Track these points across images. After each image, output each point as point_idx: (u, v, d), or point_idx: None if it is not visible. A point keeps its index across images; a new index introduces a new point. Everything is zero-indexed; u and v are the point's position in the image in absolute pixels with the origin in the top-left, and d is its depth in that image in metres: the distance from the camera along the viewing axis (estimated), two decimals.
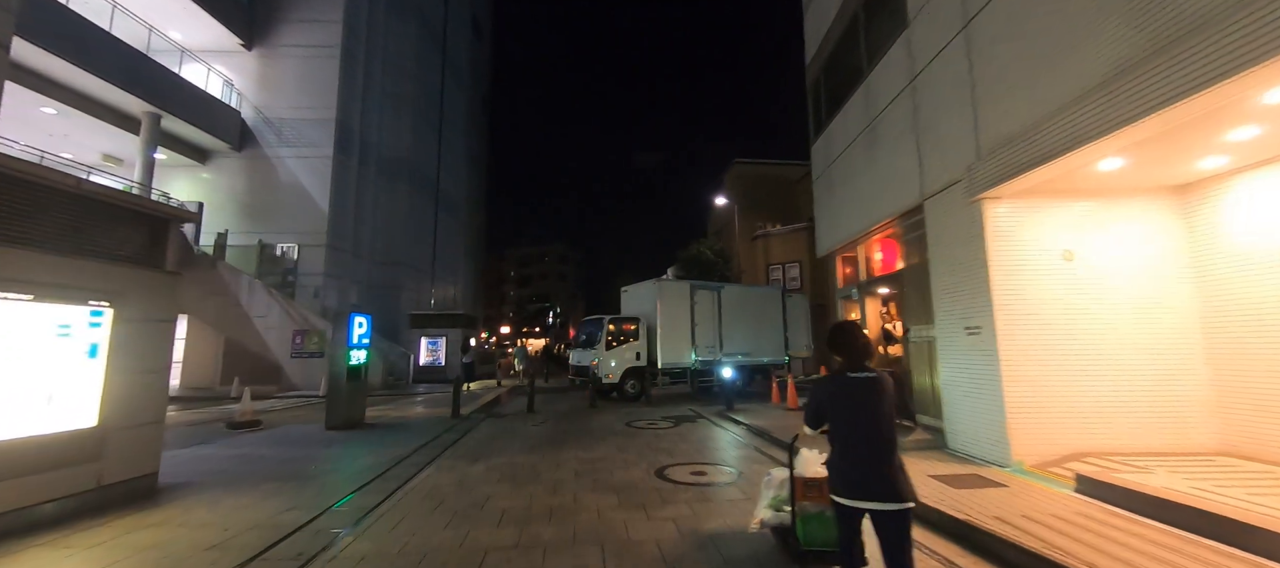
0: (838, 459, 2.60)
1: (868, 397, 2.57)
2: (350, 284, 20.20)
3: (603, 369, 13.13)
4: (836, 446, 2.63)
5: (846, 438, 2.59)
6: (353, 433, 8.79)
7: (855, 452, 2.55)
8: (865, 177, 8.90)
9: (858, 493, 2.48)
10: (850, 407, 2.60)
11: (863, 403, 2.57)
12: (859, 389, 2.59)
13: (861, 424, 2.56)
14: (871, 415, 2.55)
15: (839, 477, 2.56)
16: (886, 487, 2.44)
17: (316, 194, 19.09)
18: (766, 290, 16.22)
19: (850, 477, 2.52)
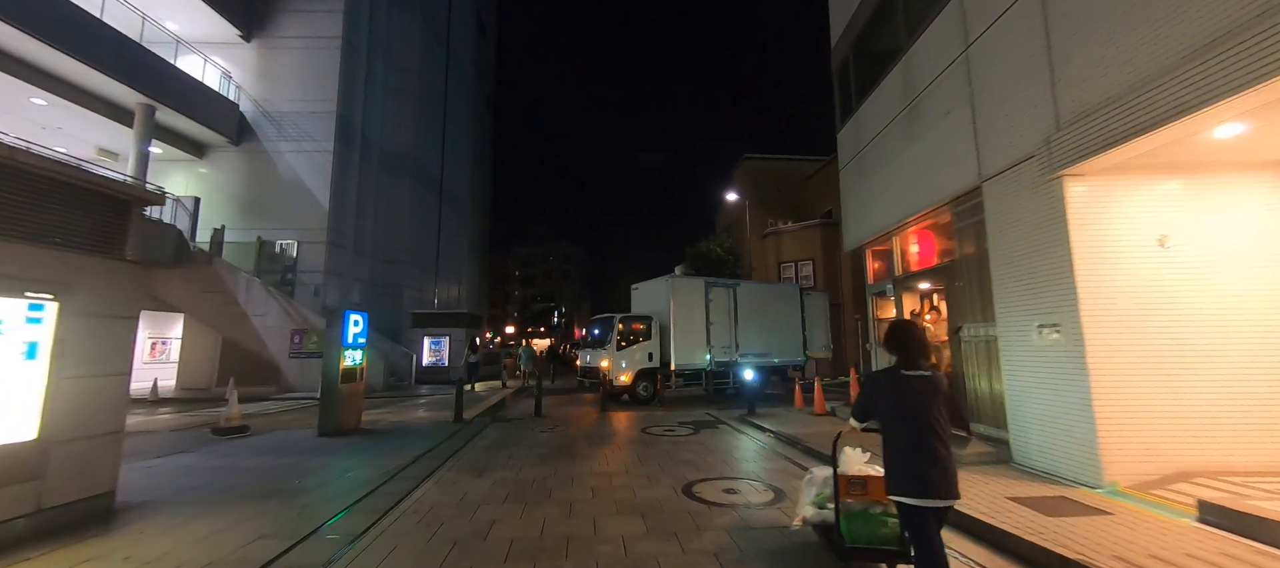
0: (899, 460, 2.56)
1: (924, 395, 2.56)
2: (351, 282, 19.51)
3: (613, 371, 12.36)
4: (896, 445, 2.60)
5: (906, 437, 2.56)
6: (347, 440, 8.05)
7: (917, 451, 2.51)
8: (903, 162, 8.10)
9: (924, 491, 2.46)
10: (906, 405, 2.58)
11: (919, 401, 2.55)
12: (915, 387, 2.58)
13: (919, 423, 2.52)
14: (929, 414, 2.53)
15: (902, 477, 2.53)
16: (948, 485, 2.45)
17: (316, 190, 18.40)
18: (784, 288, 15.43)
19: (915, 476, 2.48)
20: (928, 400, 2.55)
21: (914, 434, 2.53)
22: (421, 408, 12.41)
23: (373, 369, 16.20)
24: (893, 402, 2.64)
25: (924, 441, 2.50)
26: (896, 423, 2.61)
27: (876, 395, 2.74)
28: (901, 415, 2.59)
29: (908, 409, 2.57)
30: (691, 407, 12.17)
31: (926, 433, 2.51)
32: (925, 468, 2.47)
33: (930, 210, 7.49)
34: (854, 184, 10.13)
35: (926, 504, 2.46)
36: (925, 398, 2.56)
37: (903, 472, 2.53)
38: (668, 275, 13.41)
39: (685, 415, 10.71)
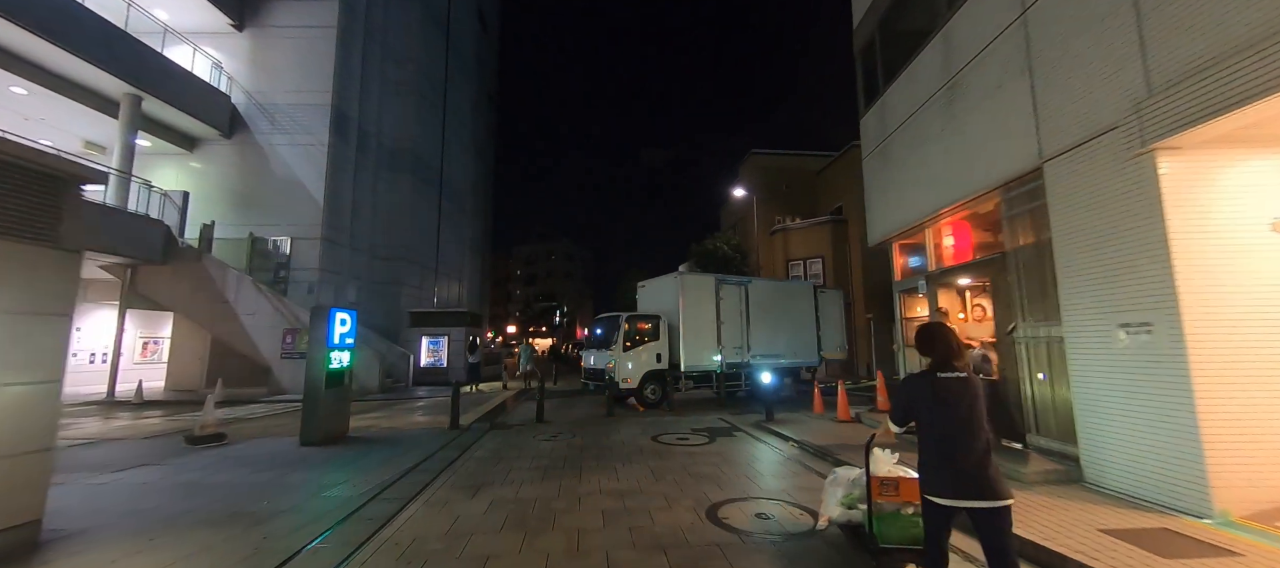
0: (934, 460, 2.56)
1: (959, 396, 2.55)
2: (347, 280, 18.80)
3: (620, 372, 11.62)
4: (929, 446, 2.60)
5: (940, 438, 2.55)
6: (331, 450, 7.32)
7: (953, 452, 2.50)
8: (941, 146, 7.34)
9: (958, 492, 2.45)
10: (941, 406, 2.56)
11: (954, 403, 2.54)
12: (950, 389, 2.57)
13: (954, 424, 2.52)
14: (964, 415, 2.52)
15: (935, 477, 2.53)
16: (987, 485, 2.42)
17: (311, 184, 17.68)
18: (797, 285, 14.67)
19: (949, 477, 2.48)
20: (963, 402, 2.53)
21: (949, 436, 2.52)
22: (417, 412, 11.68)
23: (368, 371, 15.50)
24: (928, 404, 2.61)
25: (960, 442, 2.49)
26: (932, 425, 2.59)
27: (915, 398, 2.70)
28: (937, 417, 2.57)
29: (943, 411, 2.55)
30: (703, 411, 11.43)
31: (962, 434, 2.50)
32: (960, 469, 2.46)
33: (974, 198, 6.74)
34: (879, 174, 9.38)
35: (960, 505, 2.45)
36: (960, 399, 2.54)
37: (937, 473, 2.53)
38: (676, 272, 12.67)
39: (698, 421, 9.97)
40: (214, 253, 16.02)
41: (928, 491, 2.56)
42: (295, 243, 17.50)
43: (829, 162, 25.15)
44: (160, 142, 16.72)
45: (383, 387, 15.73)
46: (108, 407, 12.87)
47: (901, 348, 9.22)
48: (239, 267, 16.28)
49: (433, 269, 24.08)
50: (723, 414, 10.80)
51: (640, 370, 11.86)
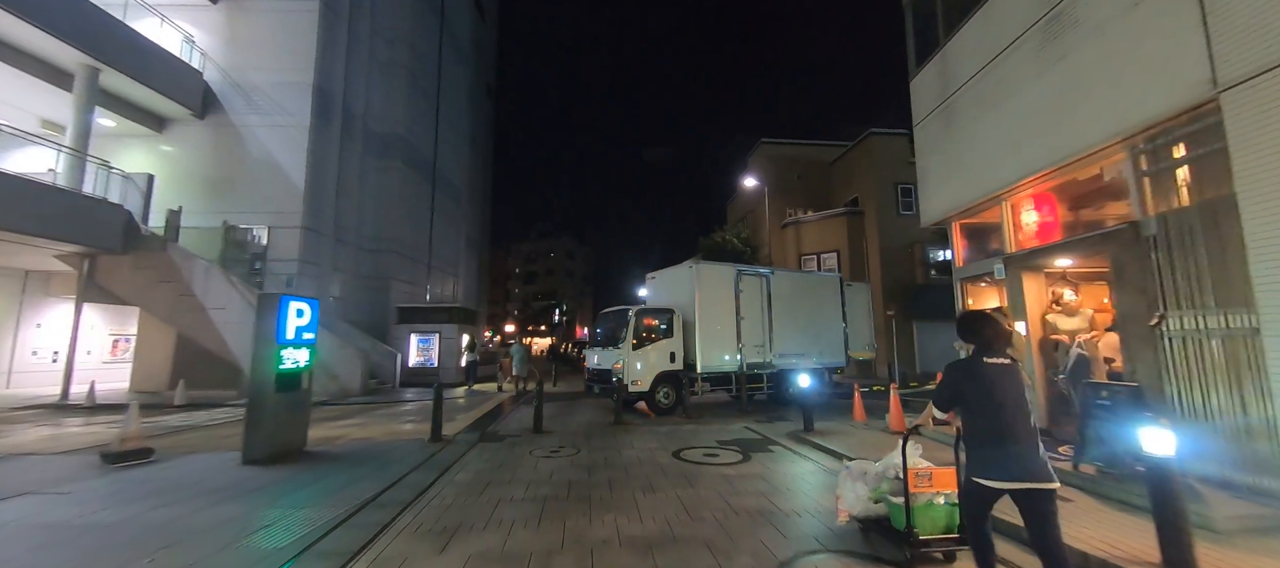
0: (984, 444, 2.60)
1: (1005, 382, 2.62)
2: (330, 273, 17.30)
3: (628, 374, 10.16)
4: (978, 431, 2.64)
5: (989, 423, 2.60)
6: (278, 472, 5.85)
7: (1002, 435, 2.55)
8: (1034, 96, 5.90)
9: (1007, 475, 2.51)
10: (989, 392, 2.61)
11: (1001, 388, 2.60)
12: (996, 375, 2.64)
13: (1003, 409, 2.57)
14: (1012, 400, 2.58)
15: (986, 460, 2.57)
16: (1036, 468, 2.49)
17: (291, 169, 16.18)
18: (822, 278, 13.22)
19: (998, 459, 2.54)
20: (1009, 388, 2.61)
21: (998, 421, 2.57)
22: (399, 418, 10.20)
23: (349, 372, 14.02)
24: (975, 390, 2.66)
25: (1008, 427, 2.54)
26: (979, 411, 2.64)
27: (962, 384, 2.73)
28: (983, 403, 2.62)
29: (990, 397, 2.61)
30: (724, 418, 9.97)
31: (1010, 419, 2.55)
32: (1009, 453, 2.52)
33: (1085, 156, 5.29)
34: (938, 142, 7.92)
35: (1009, 487, 2.50)
36: (1006, 385, 2.61)
37: (986, 457, 2.58)
38: (691, 261, 11.21)
39: (721, 431, 8.51)
40: (182, 242, 14.51)
41: (977, 474, 2.59)
42: (273, 232, 16.01)
43: (843, 152, 23.72)
44: (126, 121, 15.22)
45: (366, 389, 14.24)
46: (55, 411, 11.38)
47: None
48: (211, 257, 14.81)
49: (425, 264, 22.58)
50: (747, 422, 9.35)
51: (652, 371, 10.40)
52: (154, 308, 14.14)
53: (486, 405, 11.96)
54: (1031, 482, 2.46)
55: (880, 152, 21.34)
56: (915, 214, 21.28)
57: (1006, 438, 2.53)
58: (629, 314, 10.61)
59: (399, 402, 12.99)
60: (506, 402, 12.62)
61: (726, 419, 9.78)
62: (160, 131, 16.26)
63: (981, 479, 2.57)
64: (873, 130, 21.51)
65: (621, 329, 10.57)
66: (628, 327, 10.41)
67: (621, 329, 10.57)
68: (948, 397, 2.82)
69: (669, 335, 10.71)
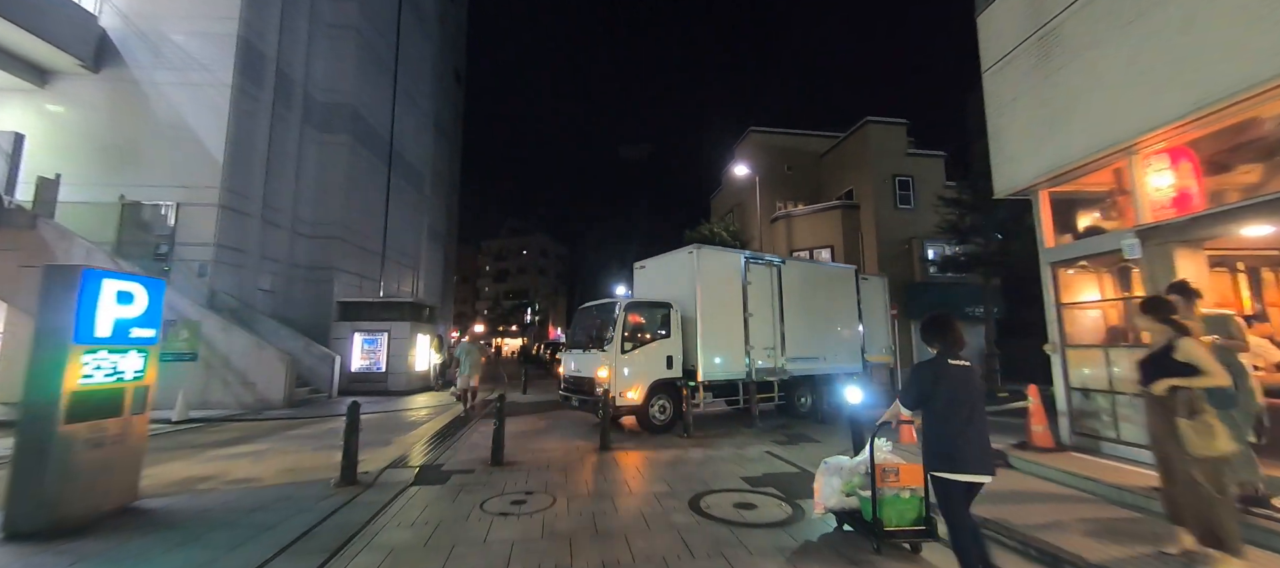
0: (948, 441, 2.75)
1: (968, 382, 2.82)
2: (259, 261, 14.51)
3: (617, 383, 7.99)
4: (942, 428, 2.79)
5: (952, 421, 2.75)
6: (47, 557, 3.45)
7: (968, 433, 2.73)
8: (1188, 8, 4.05)
9: (975, 468, 2.70)
10: (955, 391, 2.78)
11: (965, 388, 2.80)
12: (960, 375, 2.82)
13: (967, 407, 2.75)
14: (973, 399, 2.79)
15: (952, 456, 2.73)
16: (988, 461, 2.75)
17: (208, 136, 13.38)
18: (837, 270, 11.33)
19: (966, 455, 2.71)
20: (970, 387, 2.81)
21: (959, 418, 2.73)
22: (317, 441, 7.75)
23: (269, 378, 11.38)
24: (943, 389, 2.79)
25: (969, 423, 2.73)
26: (943, 408, 2.78)
27: (930, 384, 2.84)
28: (948, 401, 2.77)
29: (953, 395, 2.77)
30: (732, 436, 7.92)
31: (971, 416, 2.74)
32: (970, 448, 2.71)
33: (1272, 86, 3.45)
34: (1027, 84, 6.05)
35: (968, 479, 2.70)
36: (968, 385, 2.81)
37: (949, 451, 2.73)
38: (691, 246, 9.13)
39: (740, 460, 6.44)
40: (65, 219, 11.59)
41: (944, 469, 2.73)
42: (184, 210, 13.18)
43: (835, 142, 22.15)
44: None
45: (291, 400, 11.59)
46: None
47: (1060, 348, 5.95)
48: (105, 238, 11.97)
49: (378, 255, 19.83)
50: (765, 444, 7.32)
51: (646, 380, 8.27)
52: (19, 300, 11.18)
53: (438, 422, 9.58)
54: (985, 475, 2.72)
55: (877, 142, 19.81)
56: (914, 208, 19.82)
57: (972, 435, 2.72)
58: (617, 309, 8.45)
59: (329, 416, 10.46)
60: (476, 407, 10.24)
61: (736, 439, 7.73)
62: (43, 87, 13.22)
63: (950, 474, 2.71)
64: (869, 119, 19.97)
65: (607, 328, 8.40)
66: (615, 325, 8.25)
67: (607, 328, 8.40)
68: (916, 395, 2.92)
69: (666, 335, 8.60)
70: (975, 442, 2.71)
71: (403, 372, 14.29)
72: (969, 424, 2.71)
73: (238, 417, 10.12)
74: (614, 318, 8.33)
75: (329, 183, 17.10)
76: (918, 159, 19.88)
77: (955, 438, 2.71)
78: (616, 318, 8.29)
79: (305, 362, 13.16)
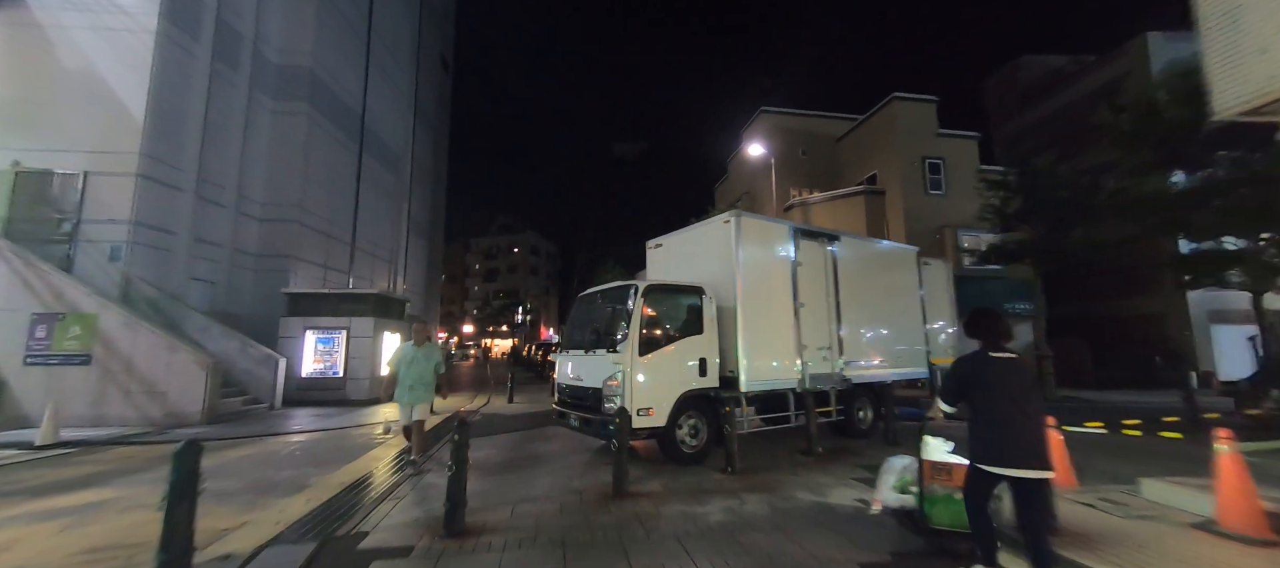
0: (987, 433, 2.68)
1: (1010, 374, 2.72)
2: (193, 244, 12.00)
3: (633, 397, 5.66)
4: (982, 421, 2.71)
5: (994, 412, 2.67)
6: None
7: (1006, 424, 2.63)
8: None
9: (1008, 461, 2.59)
10: (994, 384, 2.71)
11: (1006, 380, 2.70)
12: (1002, 368, 2.75)
13: (1007, 399, 2.65)
14: (1016, 391, 2.67)
15: (987, 447, 2.67)
16: (1033, 455, 2.58)
17: (126, 91, 10.89)
18: (898, 251, 9.07)
19: (1001, 446, 2.62)
20: (1012, 379, 2.70)
21: (1000, 410, 2.65)
22: (209, 480, 5.34)
23: (184, 386, 8.91)
24: (982, 382, 2.74)
25: (1010, 415, 2.62)
26: (984, 401, 2.71)
27: (969, 377, 2.81)
28: (989, 394, 2.70)
29: (994, 388, 2.70)
30: (795, 471, 5.66)
31: (1012, 409, 2.63)
32: (1011, 440, 2.60)
33: None
34: None
35: (1007, 473, 2.60)
36: (1010, 377, 2.70)
37: (987, 443, 2.67)
38: (730, 212, 6.86)
39: (833, 520, 4.19)
40: None
41: (979, 459, 2.69)
42: (94, 181, 10.66)
43: (854, 124, 20.06)
44: None
45: (214, 413, 9.09)
46: None
47: None
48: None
49: (347, 245, 17.34)
50: (845, 483, 5.06)
51: (671, 392, 5.96)
52: None
53: (392, 447, 7.17)
54: (1030, 470, 2.54)
55: (905, 120, 17.74)
56: (946, 193, 17.75)
57: (1010, 427, 2.61)
58: (631, 296, 6.11)
59: (260, 436, 8.03)
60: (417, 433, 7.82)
61: (799, 473, 5.46)
62: None
63: (984, 465, 2.66)
64: (896, 95, 17.90)
65: (619, 322, 6.06)
66: (630, 317, 5.93)
67: (619, 322, 6.06)
68: (955, 389, 2.91)
69: (697, 330, 6.30)
70: (1021, 434, 2.60)
71: (365, 377, 11.84)
72: (1012, 416, 2.62)
73: (132, 438, 7.66)
74: (628, 308, 6.00)
75: (284, 158, 14.61)
76: (949, 140, 17.85)
77: (995, 430, 2.66)
78: (630, 307, 5.97)
79: (241, 365, 10.67)
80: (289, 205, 14.56)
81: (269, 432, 8.33)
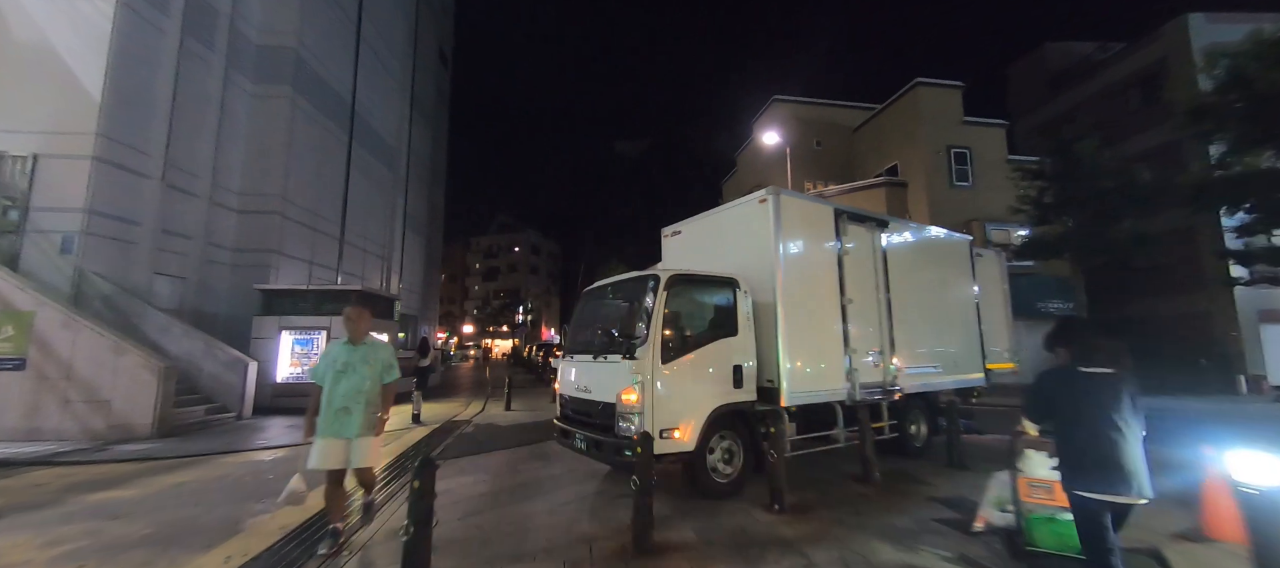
0: (1076, 455, 2.48)
1: (1103, 392, 2.45)
2: (159, 235, 10.83)
3: (655, 414, 4.49)
4: (1071, 441, 2.51)
5: (1081, 433, 2.46)
6: None
7: (1096, 445, 2.40)
8: None
9: (1104, 487, 2.36)
10: (1082, 401, 2.48)
11: (1096, 397, 2.45)
12: (1092, 384, 2.48)
13: (1096, 419, 2.42)
14: (1107, 410, 2.41)
15: (1079, 471, 2.45)
16: (1128, 481, 2.32)
17: (81, 65, 9.75)
18: (948, 240, 7.84)
19: (1093, 471, 2.39)
20: (1106, 397, 2.44)
21: (1090, 430, 2.43)
22: (92, 518, 4.17)
23: (133, 394, 7.74)
24: (1068, 400, 2.54)
25: (1102, 435, 2.40)
26: (1073, 419, 2.51)
27: (1055, 394, 2.63)
28: (1078, 412, 2.49)
29: (1083, 405, 2.48)
30: (856, 507, 4.51)
31: (1105, 428, 2.40)
32: (1101, 462, 2.38)
33: None
34: None
35: (1100, 498, 2.37)
36: (1103, 394, 2.44)
37: (1078, 466, 2.45)
38: (768, 189, 5.69)
39: None
40: None
41: (1075, 486, 2.45)
42: (44, 164, 9.52)
43: (874, 113, 18.88)
44: None
45: (167, 425, 7.90)
46: None
47: None
48: None
49: (336, 239, 16.18)
50: (927, 528, 3.88)
51: (700, 407, 4.79)
52: None
53: None
54: (1125, 496, 2.33)
55: (929, 107, 16.55)
56: (973, 185, 16.52)
57: (1097, 448, 2.39)
58: (651, 291, 4.92)
59: (219, 454, 6.86)
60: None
61: (862, 512, 4.28)
62: None
63: (1082, 491, 2.42)
64: (920, 80, 16.71)
65: (636, 320, 4.88)
66: (650, 315, 4.75)
67: (636, 320, 4.88)
68: (1040, 407, 2.76)
69: (729, 331, 5.13)
70: (1114, 455, 2.34)
71: None
72: (1090, 435, 2.40)
73: (60, 457, 6.48)
74: (647, 305, 4.83)
75: (265, 145, 13.44)
76: (975, 128, 16.65)
77: (1071, 450, 2.48)
78: (652, 305, 4.79)
79: (206, 370, 9.50)
80: (270, 196, 13.39)
81: (227, 449, 7.16)
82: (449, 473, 5.72)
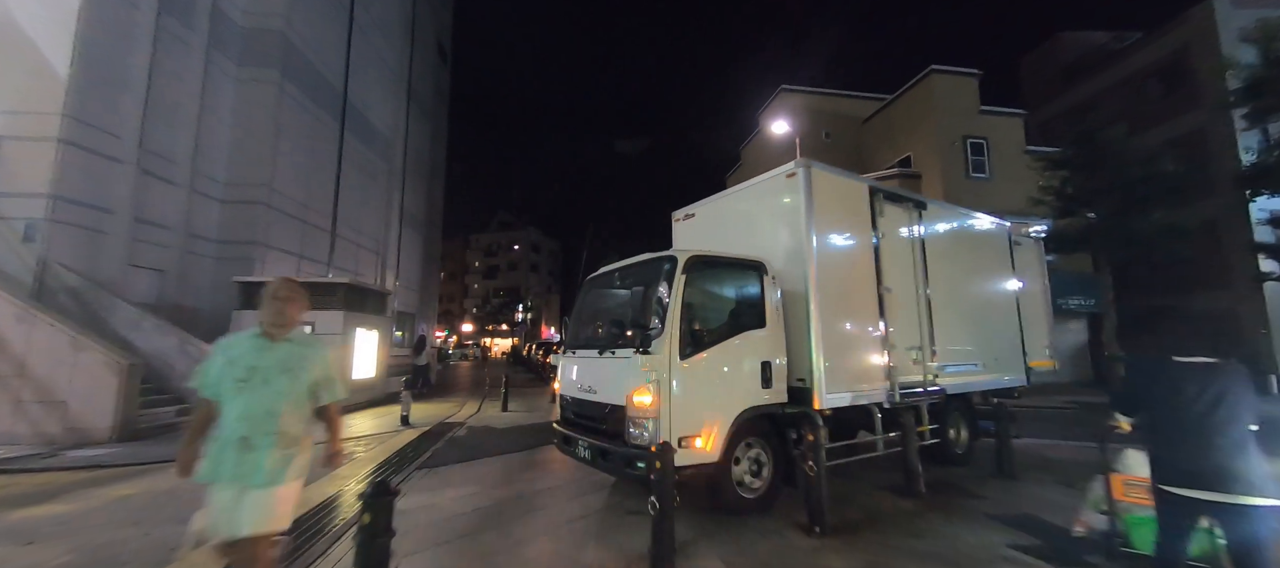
0: (1168, 447, 2.27)
1: (1202, 383, 2.21)
2: (134, 225, 10.12)
3: (672, 421, 3.78)
4: (1164, 435, 2.30)
5: (1177, 423, 2.24)
6: None
7: (1192, 436, 2.18)
8: None
9: (1196, 483, 2.11)
10: (1178, 394, 2.25)
11: (1195, 387, 2.22)
12: (1189, 375, 2.26)
13: (1192, 412, 2.20)
14: (1209, 399, 2.17)
15: (1170, 465, 2.24)
16: (1235, 479, 2.03)
17: (47, 42, 9.04)
18: (988, 225, 7.11)
19: (1185, 464, 2.18)
20: (1207, 387, 2.19)
21: (1184, 422, 2.22)
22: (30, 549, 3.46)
23: (91, 394, 7.02)
24: (1162, 390, 2.34)
25: (1196, 429, 2.18)
26: (1166, 411, 2.30)
27: (1147, 385, 2.41)
28: (1172, 405, 2.27)
29: (1179, 398, 2.25)
30: (912, 528, 3.80)
31: (1199, 422, 2.18)
32: (1200, 456, 2.14)
33: None
34: None
35: (1199, 497, 2.11)
36: (1203, 386, 2.20)
37: (1173, 460, 2.24)
38: (798, 161, 5.00)
39: None
40: None
41: (1162, 480, 2.26)
42: (5, 145, 8.80)
43: (885, 103, 18.18)
44: None
45: (129, 428, 7.19)
46: None
47: None
48: None
49: (328, 233, 15.45)
50: (1002, 557, 3.18)
51: (725, 411, 4.08)
52: None
53: (328, 486, 5.28)
54: (1227, 495, 2.01)
55: (944, 96, 15.85)
56: (990, 177, 15.81)
57: (1197, 440, 2.16)
58: (665, 277, 4.20)
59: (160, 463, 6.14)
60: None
61: (919, 532, 3.57)
62: None
63: (1168, 486, 2.20)
64: (934, 68, 16.00)
65: (649, 310, 4.16)
66: (666, 304, 4.04)
67: (649, 310, 4.16)
68: (1131, 398, 2.53)
69: (756, 323, 4.42)
70: (1209, 450, 2.11)
71: None
72: (1191, 426, 2.17)
73: (2, 465, 5.76)
74: (663, 292, 4.11)
75: (250, 132, 12.72)
76: (992, 118, 15.95)
77: (1163, 444, 2.28)
78: (668, 292, 4.08)
79: (179, 368, 8.77)
80: (256, 185, 12.66)
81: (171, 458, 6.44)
82: (433, 485, 5.02)
